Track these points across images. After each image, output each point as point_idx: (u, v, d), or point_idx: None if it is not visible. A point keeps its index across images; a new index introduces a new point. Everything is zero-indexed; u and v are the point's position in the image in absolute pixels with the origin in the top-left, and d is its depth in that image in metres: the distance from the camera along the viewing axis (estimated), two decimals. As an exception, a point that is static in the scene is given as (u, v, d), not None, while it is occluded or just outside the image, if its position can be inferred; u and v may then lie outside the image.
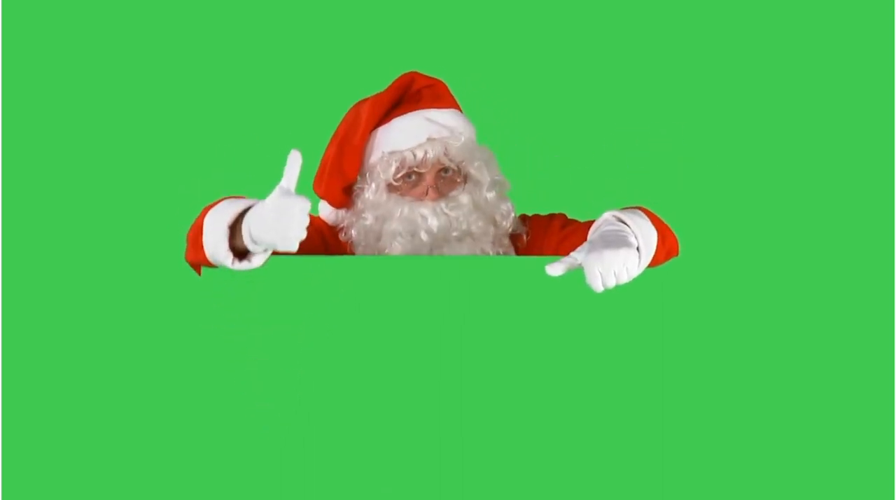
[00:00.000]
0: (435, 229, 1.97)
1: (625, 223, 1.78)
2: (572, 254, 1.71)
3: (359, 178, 2.03)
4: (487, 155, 2.06)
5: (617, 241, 1.70)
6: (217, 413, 1.84)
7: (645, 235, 1.76)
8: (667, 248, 1.84)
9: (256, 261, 1.76)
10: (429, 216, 1.97)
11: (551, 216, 2.10)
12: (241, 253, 1.77)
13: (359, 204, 2.02)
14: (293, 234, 1.66)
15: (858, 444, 1.95)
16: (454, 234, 1.97)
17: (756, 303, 1.95)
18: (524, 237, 2.07)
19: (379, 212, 2.00)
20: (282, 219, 1.66)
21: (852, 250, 2.21)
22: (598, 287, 1.68)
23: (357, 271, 1.82)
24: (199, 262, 1.86)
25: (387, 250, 1.99)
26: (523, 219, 2.11)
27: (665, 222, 1.87)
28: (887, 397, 1.99)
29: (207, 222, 1.79)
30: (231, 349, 1.83)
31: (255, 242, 1.72)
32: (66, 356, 2.04)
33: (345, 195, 2.05)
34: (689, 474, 1.85)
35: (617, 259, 1.67)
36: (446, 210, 1.98)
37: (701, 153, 2.55)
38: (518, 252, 2.07)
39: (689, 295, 1.86)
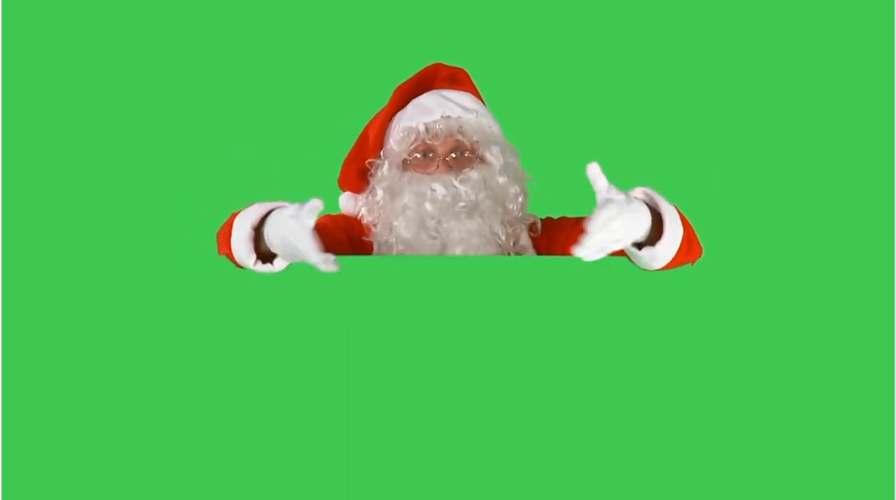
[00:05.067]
0: (440, 197, 1.97)
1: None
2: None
3: (376, 160, 2.07)
4: (510, 149, 2.08)
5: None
6: (225, 415, 1.85)
7: (672, 225, 1.76)
8: (690, 247, 1.84)
9: (279, 264, 1.78)
10: (438, 188, 1.98)
11: (579, 219, 2.10)
12: (265, 256, 1.79)
13: (372, 183, 2.06)
14: (303, 251, 1.65)
15: (859, 445, 1.95)
16: (461, 204, 1.98)
17: (756, 303, 1.95)
18: (538, 226, 2.09)
19: (391, 187, 2.02)
20: (289, 239, 1.66)
21: (853, 250, 2.21)
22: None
23: (368, 272, 1.82)
24: (230, 259, 1.87)
25: (395, 224, 2.00)
26: (549, 220, 2.12)
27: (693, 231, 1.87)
28: (887, 397, 1.99)
29: (236, 223, 1.81)
30: (241, 351, 1.84)
31: (273, 247, 1.74)
32: (72, 360, 2.04)
33: (358, 179, 2.09)
34: (691, 473, 1.86)
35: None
36: (455, 182, 1.99)
37: (715, 154, 2.55)
38: (535, 243, 2.08)
39: (692, 297, 1.87)
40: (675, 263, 1.79)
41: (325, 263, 1.62)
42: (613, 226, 1.63)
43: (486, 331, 1.82)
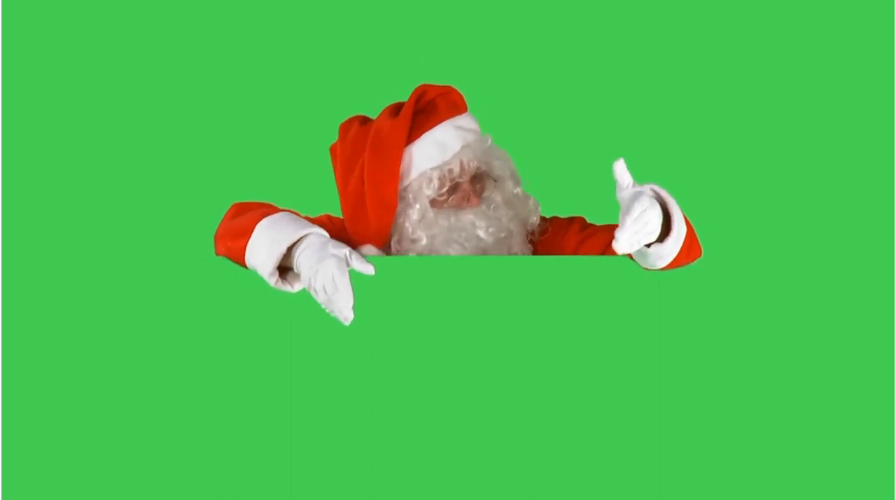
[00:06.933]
0: (489, 232, 1.96)
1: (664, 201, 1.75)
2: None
3: (398, 212, 1.98)
4: (500, 149, 2.05)
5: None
6: (226, 416, 1.85)
7: (679, 217, 1.75)
8: (691, 247, 1.83)
9: (298, 286, 1.79)
10: (476, 221, 1.96)
11: (571, 219, 2.10)
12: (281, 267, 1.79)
13: (407, 228, 1.97)
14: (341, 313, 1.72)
15: (859, 446, 1.95)
16: (502, 235, 1.97)
17: (755, 304, 1.95)
18: (535, 233, 2.07)
19: (431, 231, 1.96)
20: (329, 290, 1.71)
21: (853, 250, 2.21)
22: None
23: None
24: (229, 257, 1.86)
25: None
26: (542, 220, 2.10)
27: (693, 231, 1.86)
28: (887, 397, 1.99)
29: (262, 233, 1.79)
30: (240, 350, 1.84)
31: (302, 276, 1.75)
32: (69, 359, 2.03)
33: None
34: (691, 474, 1.86)
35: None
36: (490, 212, 1.97)
37: (703, 155, 2.55)
38: (535, 249, 2.06)
39: (692, 297, 1.87)
40: (676, 263, 1.79)
41: (348, 320, 1.72)
42: (647, 218, 1.65)
43: (487, 331, 1.82)
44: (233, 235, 1.84)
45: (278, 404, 1.83)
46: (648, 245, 1.74)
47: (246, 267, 1.82)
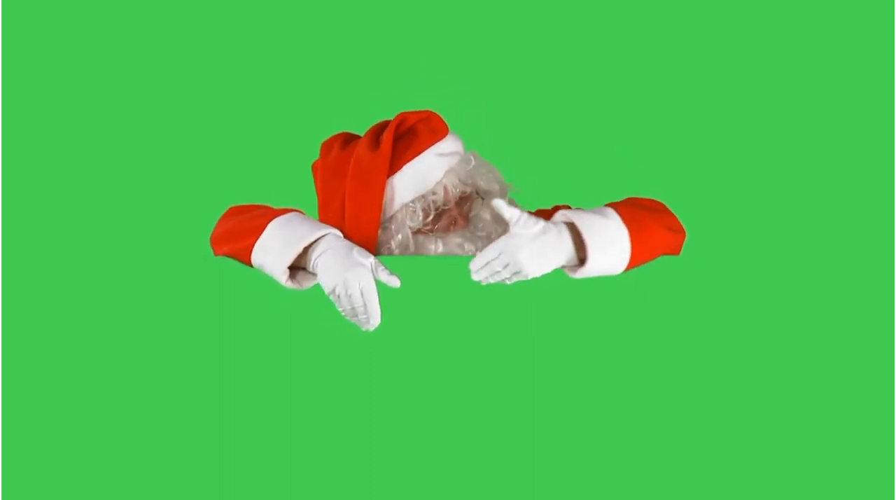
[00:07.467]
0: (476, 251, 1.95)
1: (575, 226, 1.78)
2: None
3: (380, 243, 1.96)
4: (485, 164, 2.01)
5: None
6: (224, 415, 1.86)
7: (601, 236, 1.77)
8: (651, 242, 1.83)
9: (307, 284, 1.80)
10: (465, 243, 1.95)
11: (555, 208, 2.09)
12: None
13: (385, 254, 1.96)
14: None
15: (858, 445, 1.95)
16: None
17: (754, 303, 1.95)
18: None
19: (408, 253, 1.95)
20: (355, 294, 1.74)
21: (853, 250, 2.21)
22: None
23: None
24: (230, 256, 1.87)
25: None
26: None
27: (657, 218, 1.86)
28: (887, 397, 1.99)
29: (273, 232, 1.80)
30: (237, 348, 1.85)
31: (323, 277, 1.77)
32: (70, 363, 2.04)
33: None
34: (689, 475, 1.85)
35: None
36: (478, 232, 1.96)
37: (692, 151, 2.54)
38: None
39: (685, 295, 1.87)
40: (644, 259, 1.80)
41: (374, 327, 1.74)
42: (496, 268, 1.75)
43: (486, 331, 1.82)
44: (239, 235, 1.85)
45: (277, 404, 1.84)
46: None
47: (250, 265, 1.82)
